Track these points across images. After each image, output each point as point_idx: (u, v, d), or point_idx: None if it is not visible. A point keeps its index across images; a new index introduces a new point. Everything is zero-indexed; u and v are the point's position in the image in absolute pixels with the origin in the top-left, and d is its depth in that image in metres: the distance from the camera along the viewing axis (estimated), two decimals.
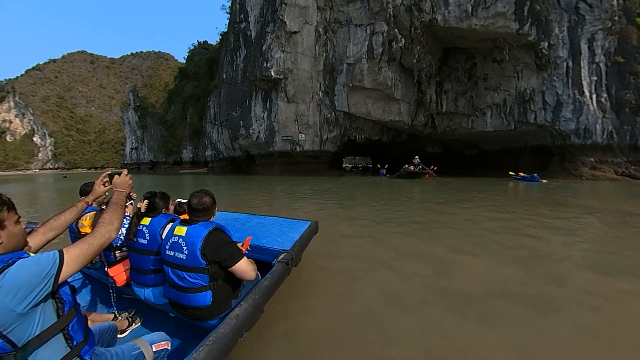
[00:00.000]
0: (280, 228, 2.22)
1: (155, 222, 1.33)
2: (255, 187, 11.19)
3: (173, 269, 1.19)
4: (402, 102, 18.01)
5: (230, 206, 5.62)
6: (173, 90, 46.89)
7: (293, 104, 20.44)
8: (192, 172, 37.97)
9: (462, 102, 17.09)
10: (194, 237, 1.17)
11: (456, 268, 2.32)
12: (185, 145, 42.58)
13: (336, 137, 21.44)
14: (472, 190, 8.61)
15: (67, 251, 0.74)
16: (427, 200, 6.17)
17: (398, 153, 26.24)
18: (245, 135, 23.59)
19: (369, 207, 5.23)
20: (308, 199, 6.75)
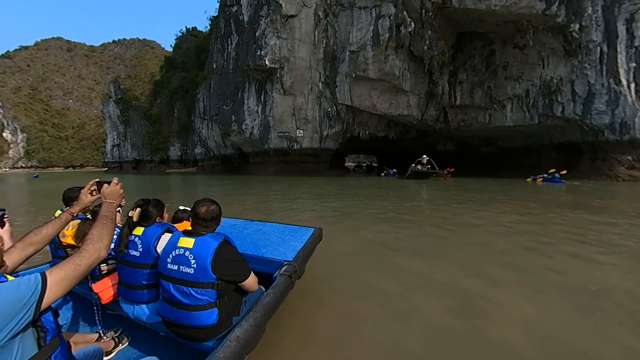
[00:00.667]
0: (281, 236, 2.20)
1: (149, 232, 1.31)
2: (247, 188, 11.19)
3: (176, 285, 1.15)
4: (411, 94, 17.91)
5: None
6: (159, 81, 46.79)
7: (290, 97, 20.50)
8: (180, 171, 38.16)
9: (479, 94, 16.67)
10: (203, 249, 1.14)
11: (486, 306, 1.99)
12: (172, 142, 42.61)
13: (338, 134, 21.53)
14: (491, 193, 8.49)
15: (51, 274, 0.71)
16: (441, 206, 5.92)
17: (406, 151, 26.42)
18: (238, 131, 23.90)
19: (374, 214, 5.04)
20: (305, 204, 6.64)
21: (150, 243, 1.29)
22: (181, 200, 8.15)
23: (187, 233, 1.22)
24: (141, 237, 1.31)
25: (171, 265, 1.17)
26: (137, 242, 1.30)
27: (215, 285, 1.13)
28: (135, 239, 1.31)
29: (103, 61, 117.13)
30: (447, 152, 24.75)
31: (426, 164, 16.03)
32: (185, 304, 1.14)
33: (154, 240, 1.30)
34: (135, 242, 1.31)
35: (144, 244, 1.29)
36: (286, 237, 2.16)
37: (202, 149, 35.18)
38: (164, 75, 46.53)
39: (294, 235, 2.21)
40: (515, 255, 3.00)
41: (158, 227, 1.34)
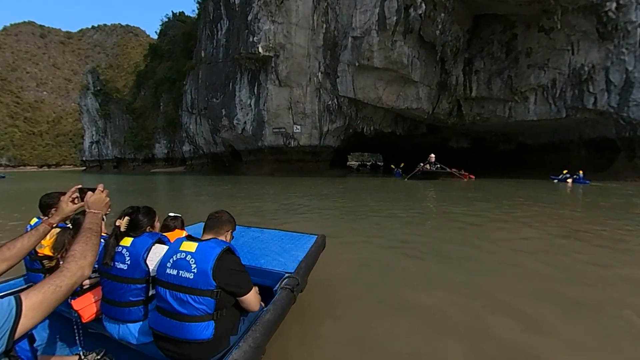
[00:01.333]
0: (280, 244, 2.23)
1: (138, 243, 1.32)
2: (238, 191, 11.15)
3: (172, 291, 1.17)
4: (421, 85, 17.63)
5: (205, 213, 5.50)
6: (143, 71, 46.92)
7: (286, 88, 20.34)
8: (167, 171, 38.34)
9: (498, 84, 16.29)
10: (206, 254, 1.18)
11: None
12: (158, 138, 42.93)
13: (339, 130, 21.44)
14: (514, 197, 8.27)
15: (27, 297, 0.70)
16: (457, 214, 5.64)
17: (415, 148, 26.39)
18: (229, 126, 23.72)
19: (379, 223, 4.80)
20: (303, 209, 6.53)
21: (139, 255, 1.28)
22: (167, 204, 8.09)
23: (191, 238, 1.26)
24: (129, 248, 1.30)
25: (170, 269, 1.19)
26: (124, 254, 1.30)
27: (215, 294, 1.14)
28: (123, 251, 1.31)
29: (81, 49, 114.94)
30: (460, 149, 24.80)
31: (434, 164, 16.09)
32: (180, 313, 1.15)
33: (143, 252, 1.29)
34: (122, 254, 1.30)
35: (132, 256, 1.29)
36: (286, 246, 2.18)
37: (191, 147, 35.31)
38: (149, 65, 46.77)
39: (295, 244, 2.23)
40: (562, 283, 2.55)
41: (148, 238, 1.34)
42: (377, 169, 35.65)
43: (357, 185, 13.54)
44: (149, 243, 1.33)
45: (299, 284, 1.57)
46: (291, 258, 1.94)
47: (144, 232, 1.37)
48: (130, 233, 1.34)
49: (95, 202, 1.07)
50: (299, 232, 2.52)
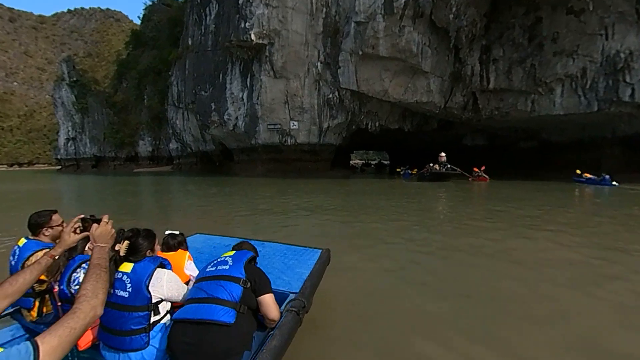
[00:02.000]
0: (283, 259, 2.31)
1: (139, 268, 1.38)
2: (226, 195, 11.13)
3: (209, 282, 1.41)
4: (432, 76, 17.43)
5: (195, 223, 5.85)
6: (125, 61, 46.77)
7: (282, 80, 20.31)
8: (152, 170, 38.24)
9: (519, 75, 15.79)
10: (240, 256, 1.53)
11: None
12: (142, 135, 42.97)
13: (341, 126, 21.47)
14: (538, 202, 8.04)
15: (43, 342, 0.75)
16: (475, 227, 5.40)
17: (425, 146, 26.29)
18: (219, 122, 23.62)
19: (385, 238, 4.57)
20: (301, 216, 6.44)
21: (141, 282, 1.34)
22: (152, 210, 7.98)
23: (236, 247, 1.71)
24: (130, 274, 1.36)
25: (210, 267, 1.49)
26: (125, 280, 1.35)
27: (243, 282, 1.38)
28: (123, 277, 1.36)
29: (56, 35, 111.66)
30: (475, 147, 24.57)
31: (444, 164, 16.21)
32: (209, 297, 1.35)
33: (145, 278, 1.35)
34: (122, 280, 1.35)
35: (134, 282, 1.34)
36: (289, 262, 2.25)
37: (178, 144, 35.53)
38: (131, 54, 46.63)
39: (299, 259, 2.29)
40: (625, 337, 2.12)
41: (150, 263, 1.41)
42: (383, 169, 35.84)
43: (361, 188, 13.47)
44: (150, 269, 1.38)
45: (304, 306, 1.61)
46: (295, 276, 2.00)
47: (145, 257, 1.43)
48: (130, 258, 1.39)
49: (102, 235, 1.12)
50: (301, 246, 2.58)
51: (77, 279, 1.39)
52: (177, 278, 1.48)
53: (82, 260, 1.42)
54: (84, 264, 1.39)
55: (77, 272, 1.38)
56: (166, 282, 1.39)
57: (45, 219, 1.66)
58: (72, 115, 44.08)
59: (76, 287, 1.35)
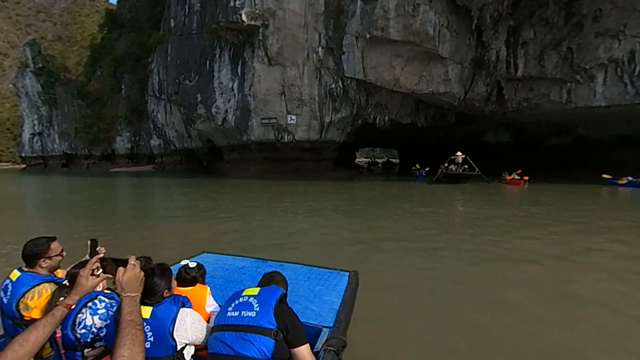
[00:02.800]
0: (307, 285, 2.33)
1: (160, 312, 1.35)
2: (212, 200, 10.99)
3: (232, 333, 1.36)
4: (450, 63, 17.29)
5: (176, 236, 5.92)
6: (99, 45, 46.15)
7: (277, 68, 20.20)
8: (131, 170, 38.10)
9: (553, 60, 15.41)
10: (267, 297, 1.44)
11: None
12: (119, 130, 42.36)
13: (345, 120, 21.47)
14: (583, 209, 7.86)
15: None
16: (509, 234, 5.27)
17: (440, 144, 26.16)
18: (206, 116, 23.60)
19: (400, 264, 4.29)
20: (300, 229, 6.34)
21: (164, 328, 1.32)
22: (133, 220, 7.88)
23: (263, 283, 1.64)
24: (150, 321, 1.33)
25: (232, 312, 1.43)
26: (145, 329, 1.27)
27: (274, 334, 1.33)
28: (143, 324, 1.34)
29: (20, 16, 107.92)
30: (498, 144, 24.46)
31: (461, 164, 16.33)
32: (238, 355, 1.32)
33: (169, 323, 1.33)
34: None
35: (156, 330, 1.32)
36: (316, 288, 2.26)
37: (160, 141, 35.35)
38: (106, 37, 46.27)
39: (326, 285, 2.31)
40: None
41: (172, 305, 1.39)
42: (391, 168, 35.92)
43: (369, 193, 13.32)
44: (173, 312, 1.36)
45: (345, 344, 1.59)
46: (326, 306, 2.00)
47: (165, 298, 1.41)
48: (146, 300, 1.36)
49: (130, 282, 1.09)
50: (326, 268, 2.62)
51: (84, 321, 1.35)
52: (199, 317, 1.47)
53: (89, 298, 1.36)
54: (90, 302, 1.34)
55: (83, 312, 1.34)
56: (190, 324, 1.38)
57: (43, 247, 1.65)
58: (38, 107, 43.17)
59: (83, 331, 1.33)
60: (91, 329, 1.35)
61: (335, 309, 1.95)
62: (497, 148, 24.11)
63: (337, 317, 1.84)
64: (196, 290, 1.82)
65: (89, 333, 1.35)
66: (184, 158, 33.06)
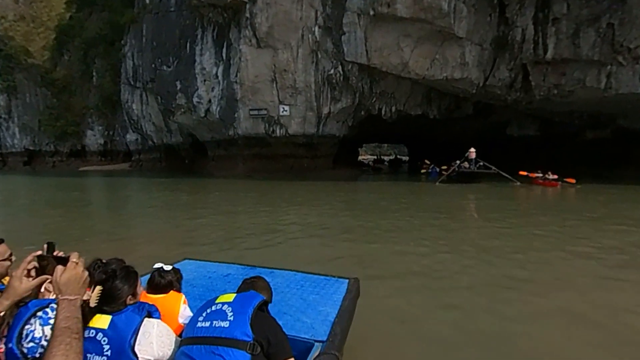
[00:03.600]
0: (300, 294, 2.36)
1: (120, 322, 1.34)
2: (190, 206, 11.00)
3: (200, 347, 1.34)
4: (468, 44, 17.21)
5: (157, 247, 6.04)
6: (67, 26, 45.33)
7: (267, 51, 20.09)
8: (104, 169, 37.78)
9: (590, 39, 15.17)
10: (244, 305, 1.42)
11: None
12: (90, 123, 41.98)
13: (346, 111, 21.39)
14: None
15: None
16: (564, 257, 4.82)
17: (456, 138, 26.10)
18: (186, 107, 23.61)
19: (415, 301, 3.82)
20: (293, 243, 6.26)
21: (124, 341, 1.30)
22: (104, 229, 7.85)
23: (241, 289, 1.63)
24: (108, 332, 1.32)
25: (203, 322, 1.40)
26: (101, 341, 1.31)
27: (251, 347, 1.31)
28: (98, 336, 1.32)
29: None
30: (523, 139, 24.23)
31: (475, 162, 16.94)
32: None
33: (130, 335, 1.31)
34: (97, 341, 1.31)
35: (114, 343, 1.30)
36: (310, 297, 2.30)
37: (137, 136, 35.28)
38: (75, 17, 45.38)
39: (322, 294, 2.34)
40: None
41: (134, 314, 1.38)
42: (399, 166, 36.48)
43: (373, 197, 13.16)
44: (136, 322, 1.34)
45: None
46: (320, 317, 2.02)
47: (128, 306, 1.39)
48: (105, 308, 1.36)
49: (70, 283, 1.08)
50: (323, 275, 2.66)
51: (32, 333, 1.29)
52: (168, 330, 1.45)
53: (38, 307, 1.30)
54: (40, 311, 1.28)
55: (31, 323, 1.28)
56: (156, 337, 1.34)
57: None
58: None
59: (30, 345, 1.27)
60: (40, 342, 1.28)
61: (331, 320, 1.97)
62: (522, 143, 23.99)
63: (332, 330, 1.86)
64: (168, 299, 1.83)
65: (38, 347, 1.28)
66: (163, 155, 33.00)
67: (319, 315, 2.03)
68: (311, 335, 1.82)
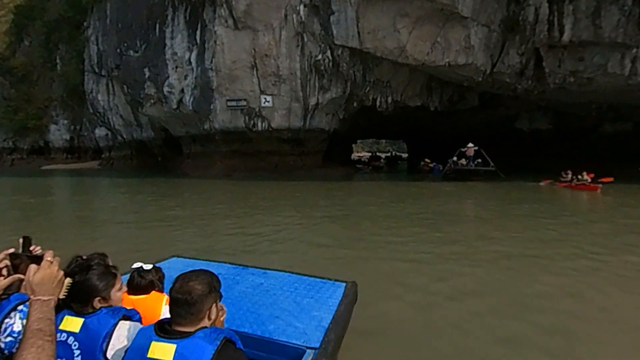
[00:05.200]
0: (293, 297, 2.43)
1: (92, 325, 1.35)
2: (151, 214, 10.68)
3: None
4: (473, 25, 16.85)
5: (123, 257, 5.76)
6: (26, 8, 44.30)
7: (246, 33, 19.79)
8: (70, 167, 36.89)
9: (613, 18, 14.84)
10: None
11: None
12: (55, 117, 41.23)
13: (336, 102, 21.26)
14: None
15: None
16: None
17: (460, 132, 25.45)
18: (156, 97, 23.28)
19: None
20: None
21: (96, 344, 1.32)
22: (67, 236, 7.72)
23: (162, 332, 1.29)
24: (79, 335, 1.33)
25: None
26: (70, 344, 1.33)
27: None
28: (69, 340, 1.33)
29: None
30: (534, 133, 24.28)
31: (474, 158, 17.29)
32: None
33: (102, 339, 1.32)
34: (67, 344, 1.33)
35: (84, 346, 1.32)
36: (303, 301, 2.36)
37: (108, 130, 35.04)
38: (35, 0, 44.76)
39: (316, 297, 2.41)
40: None
41: (108, 316, 1.38)
42: (395, 164, 37.40)
43: (368, 200, 12.59)
44: (109, 324, 1.35)
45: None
46: (313, 322, 2.08)
47: (101, 308, 1.41)
48: (72, 305, 1.36)
49: (44, 282, 1.11)
50: (318, 277, 2.75)
51: (11, 326, 1.33)
52: None
53: (20, 300, 1.33)
54: (21, 305, 1.32)
55: (12, 317, 1.31)
56: (131, 342, 1.35)
57: None
58: None
59: (8, 340, 1.32)
60: (19, 337, 1.27)
61: (325, 326, 2.03)
62: (533, 138, 24.15)
63: (326, 337, 1.91)
64: (149, 299, 1.86)
65: (16, 342, 1.28)
66: (135, 152, 32.72)
67: (313, 321, 2.10)
68: (303, 341, 1.88)
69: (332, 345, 1.86)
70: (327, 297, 2.36)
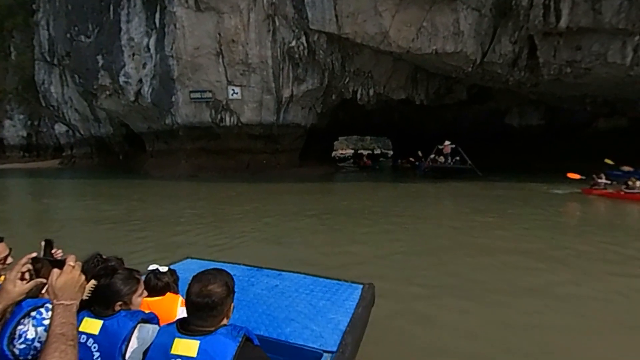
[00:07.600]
0: (309, 299, 2.46)
1: (112, 327, 1.40)
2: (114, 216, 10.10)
3: None
4: (462, 9, 16.49)
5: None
6: None
7: (210, 16, 19.21)
8: (27, 167, 36.19)
9: (614, 3, 14.41)
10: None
11: None
12: (9, 111, 40.23)
13: (313, 95, 21.02)
14: None
15: None
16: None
17: (446, 128, 25.54)
18: (112, 88, 22.71)
19: None
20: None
21: (115, 347, 1.37)
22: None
23: (184, 329, 1.35)
24: (98, 337, 1.38)
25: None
26: (90, 346, 1.38)
27: None
28: (88, 342, 1.39)
29: None
30: (525, 130, 24.27)
31: (451, 156, 17.35)
32: None
33: (121, 341, 1.38)
34: (87, 346, 1.38)
35: (103, 349, 1.37)
36: (319, 303, 2.39)
37: (65, 127, 34.36)
38: None
39: (333, 300, 2.45)
40: None
41: (127, 319, 1.43)
42: (376, 160, 37.37)
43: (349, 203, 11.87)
44: (128, 327, 1.40)
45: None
46: (330, 326, 2.11)
47: (120, 311, 1.46)
48: (95, 306, 1.42)
49: (66, 287, 1.15)
50: (334, 279, 2.80)
51: (24, 333, 1.33)
52: None
53: (33, 306, 1.36)
54: (34, 311, 1.34)
55: (24, 323, 1.32)
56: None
57: None
58: None
59: (22, 346, 1.32)
60: (33, 344, 1.32)
61: (342, 329, 2.06)
62: (524, 134, 24.21)
63: (343, 340, 1.94)
64: (165, 301, 1.90)
65: (30, 349, 1.31)
66: (95, 150, 31.86)
67: (329, 324, 2.12)
68: (320, 345, 1.90)
69: (350, 349, 1.89)
70: (343, 300, 2.42)
